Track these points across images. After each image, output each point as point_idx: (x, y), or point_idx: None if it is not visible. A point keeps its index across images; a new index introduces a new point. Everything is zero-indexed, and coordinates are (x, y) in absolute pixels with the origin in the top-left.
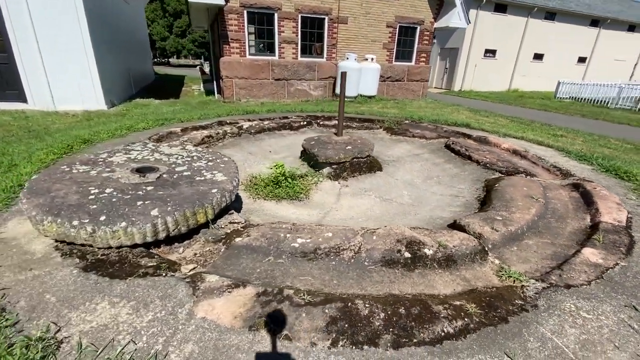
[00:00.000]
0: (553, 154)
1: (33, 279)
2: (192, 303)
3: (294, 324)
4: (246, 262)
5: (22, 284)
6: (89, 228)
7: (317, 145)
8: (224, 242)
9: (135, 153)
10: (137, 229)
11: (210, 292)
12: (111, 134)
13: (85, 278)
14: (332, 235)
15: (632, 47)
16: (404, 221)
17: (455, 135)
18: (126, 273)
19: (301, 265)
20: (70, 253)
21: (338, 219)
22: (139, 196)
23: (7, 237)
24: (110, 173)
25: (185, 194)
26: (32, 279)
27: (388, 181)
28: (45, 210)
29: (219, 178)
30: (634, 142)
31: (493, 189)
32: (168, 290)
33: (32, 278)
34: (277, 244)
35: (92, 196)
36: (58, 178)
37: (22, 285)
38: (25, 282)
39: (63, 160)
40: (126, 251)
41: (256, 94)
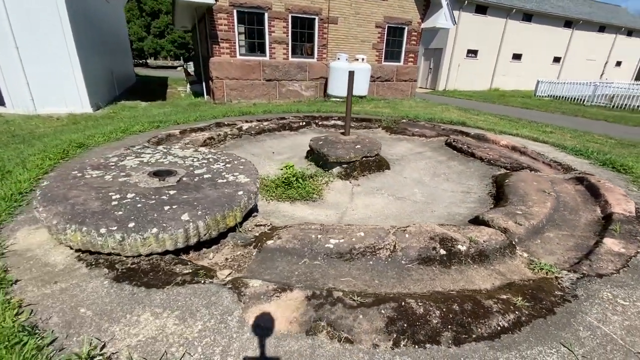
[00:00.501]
0: (550, 149)
1: (61, 292)
2: (240, 310)
3: (353, 326)
4: (282, 265)
5: (49, 298)
6: (118, 236)
7: (326, 144)
8: (255, 246)
9: (148, 156)
10: (168, 234)
11: (257, 298)
12: (106, 138)
13: (119, 289)
14: (364, 235)
15: (602, 47)
16: (423, 218)
17: (454, 133)
18: (162, 282)
19: (339, 266)
20: (96, 263)
21: (357, 218)
22: (164, 201)
23: (19, 248)
24: (127, 177)
25: (211, 197)
26: (59, 293)
27: (397, 179)
28: (68, 218)
29: (242, 180)
30: (615, 137)
31: (504, 184)
32: (212, 298)
33: (60, 291)
34: (310, 245)
35: (114, 202)
36: (72, 184)
37: (50, 300)
38: (52, 297)
39: (60, 165)
40: (157, 259)
41: (247, 94)
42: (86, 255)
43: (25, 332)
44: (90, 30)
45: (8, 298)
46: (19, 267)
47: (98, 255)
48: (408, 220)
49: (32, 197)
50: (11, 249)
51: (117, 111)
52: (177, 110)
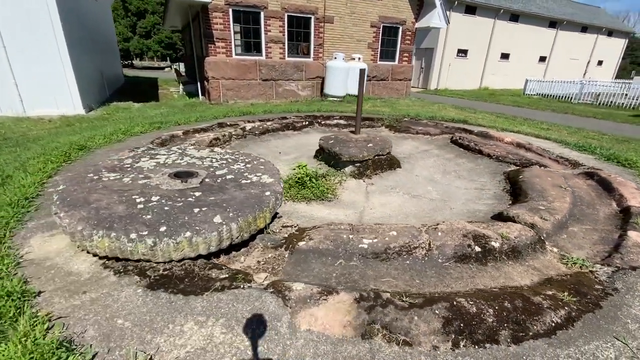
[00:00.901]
0: (553, 145)
1: (92, 303)
2: (288, 315)
3: (410, 327)
4: (317, 266)
5: (80, 310)
6: (150, 241)
7: (338, 144)
8: (287, 247)
9: (163, 157)
10: (202, 238)
11: (304, 302)
12: (107, 139)
13: (155, 297)
14: (397, 234)
15: (584, 47)
16: (443, 216)
17: (457, 131)
18: (200, 288)
19: (376, 267)
20: (125, 270)
21: (377, 217)
22: (192, 203)
23: (36, 257)
24: (147, 180)
25: (238, 198)
26: (90, 303)
27: (410, 178)
28: (94, 223)
29: (267, 180)
30: (607, 133)
31: (518, 180)
32: (255, 303)
33: (91, 302)
34: (343, 245)
35: (140, 205)
36: (90, 187)
37: (82, 312)
38: (83, 308)
39: (63, 169)
40: (190, 264)
41: (244, 95)
42: (112, 262)
43: (63, 349)
44: (80, 29)
45: (34, 311)
46: (40, 277)
47: (126, 262)
48: (429, 218)
49: (40, 203)
50: (27, 258)
51: (111, 112)
52: (173, 111)
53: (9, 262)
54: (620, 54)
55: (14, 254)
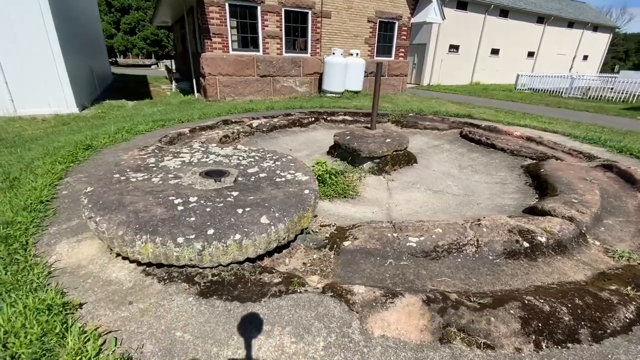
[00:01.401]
0: (563, 139)
1: (142, 314)
2: (358, 320)
3: (489, 330)
4: (367, 267)
5: (131, 322)
6: (198, 245)
7: (355, 139)
8: (331, 248)
9: (187, 156)
10: (251, 241)
11: (370, 306)
12: (112, 138)
13: (210, 306)
14: (443, 231)
15: (570, 42)
16: (472, 211)
17: (464, 126)
18: (256, 294)
19: (428, 266)
20: (170, 278)
21: (404, 214)
22: (232, 203)
23: (68, 265)
24: (177, 179)
25: (279, 197)
26: (141, 315)
27: (427, 173)
28: (136, 228)
29: (302, 177)
30: (604, 125)
31: (540, 174)
32: (319, 309)
33: (141, 313)
34: (391, 244)
35: (180, 207)
36: (120, 189)
37: (134, 324)
38: (134, 320)
39: (73, 170)
40: (238, 269)
41: (241, 91)
42: (153, 269)
43: None
44: (71, 26)
45: (81, 326)
46: (77, 287)
47: (168, 268)
48: (458, 214)
49: (57, 206)
50: (58, 266)
51: (106, 111)
52: (171, 108)
53: (39, 271)
54: (604, 48)
55: (42, 262)
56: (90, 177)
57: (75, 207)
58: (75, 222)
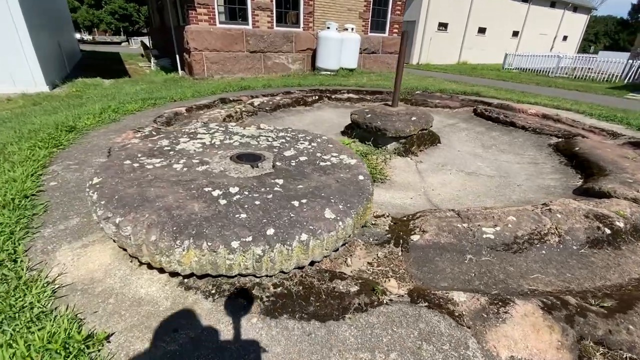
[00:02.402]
0: (579, 116)
1: (196, 345)
2: (473, 338)
3: (633, 342)
4: (445, 265)
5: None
6: (258, 250)
7: (377, 118)
8: (396, 243)
9: (207, 137)
10: (319, 241)
11: (481, 318)
12: (98, 119)
13: (283, 329)
14: (517, 220)
15: (552, 22)
16: (517, 194)
17: (476, 104)
18: (336, 309)
19: (512, 260)
20: (219, 292)
21: (446, 199)
22: (282, 194)
23: (77, 279)
24: (205, 165)
25: (333, 185)
26: (194, 347)
27: (453, 153)
28: (173, 230)
29: (349, 160)
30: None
31: (578, 153)
32: (419, 325)
33: (193, 345)
34: (465, 237)
35: (222, 200)
36: (136, 178)
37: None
38: (187, 357)
39: (58, 155)
40: (300, 275)
41: (230, 69)
42: (194, 280)
43: None
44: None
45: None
46: (96, 311)
47: (214, 279)
48: (503, 197)
49: (46, 201)
50: (63, 282)
51: (81, 89)
52: (156, 87)
53: (40, 291)
54: (583, 29)
55: (42, 277)
56: (82, 165)
57: (70, 201)
58: (75, 220)
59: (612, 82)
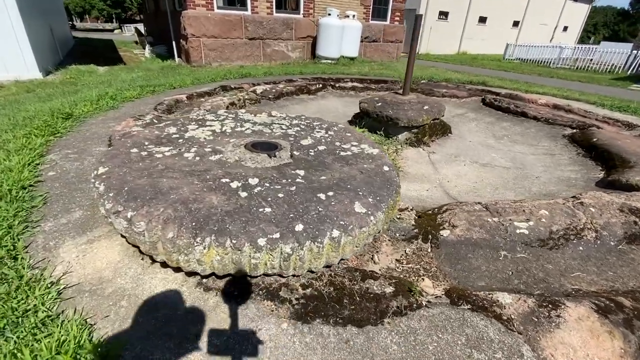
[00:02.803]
0: (590, 107)
1: (225, 353)
2: (526, 345)
3: None
4: (479, 262)
5: None
6: (287, 248)
7: (388, 106)
8: (425, 239)
9: (217, 125)
10: (351, 237)
11: (532, 322)
12: (96, 106)
13: (317, 335)
14: (549, 214)
15: (553, 12)
16: (537, 186)
17: (483, 93)
18: (373, 313)
19: (548, 257)
20: (242, 293)
21: (464, 191)
22: (306, 186)
23: (84, 278)
24: (218, 155)
25: (357, 176)
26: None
27: (465, 144)
28: (193, 226)
29: (371, 150)
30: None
31: (597, 143)
32: (465, 331)
33: (222, 353)
34: (497, 232)
35: (242, 193)
36: (145, 168)
37: None
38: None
39: (55, 144)
40: (331, 275)
41: (229, 56)
42: (213, 281)
43: None
44: None
45: None
46: (108, 315)
47: (236, 279)
48: (523, 189)
49: (45, 192)
50: (69, 281)
51: (75, 76)
52: (153, 74)
53: (44, 292)
54: (583, 20)
55: (46, 277)
56: (82, 154)
57: (71, 193)
58: (78, 213)
59: (614, 73)
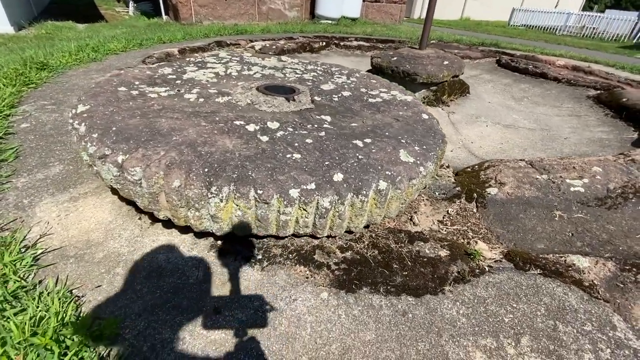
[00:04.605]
0: (610, 69)
1: (252, 330)
2: (617, 315)
3: None
4: (533, 222)
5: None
6: (325, 202)
7: (406, 61)
8: (469, 198)
9: (219, 67)
10: (400, 191)
11: (616, 289)
12: (75, 58)
13: (367, 306)
14: (604, 171)
15: None
16: (569, 147)
17: (498, 55)
18: (432, 280)
19: (608, 218)
20: (267, 257)
21: (490, 152)
22: (336, 132)
23: (69, 242)
24: (225, 97)
25: (394, 124)
26: (254, 333)
27: (484, 105)
28: (205, 172)
29: (404, 97)
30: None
31: (627, 104)
32: (543, 299)
33: (248, 329)
34: (550, 190)
35: (263, 137)
36: (138, 108)
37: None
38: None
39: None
40: (371, 236)
41: (221, 13)
42: (229, 242)
43: None
44: None
45: None
46: (100, 285)
47: (258, 241)
48: (554, 151)
49: (18, 146)
50: (49, 245)
51: (53, 31)
52: (138, 31)
53: (15, 259)
54: None
55: (16, 239)
56: (61, 105)
57: (48, 145)
58: (58, 168)
59: (620, 42)
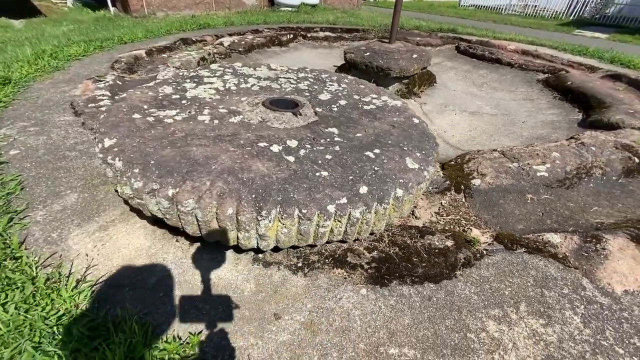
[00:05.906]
0: (553, 52)
1: (313, 333)
2: (585, 278)
3: None
4: (511, 206)
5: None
6: (357, 213)
7: (379, 56)
8: (457, 189)
9: (217, 81)
10: (411, 195)
11: (583, 257)
12: (38, 68)
13: (399, 296)
14: (561, 155)
15: None
16: (527, 131)
17: (456, 41)
18: (444, 267)
19: (568, 196)
20: (308, 264)
21: (462, 140)
22: (347, 145)
23: (117, 272)
24: (237, 116)
25: (392, 131)
26: (312, 335)
27: (450, 93)
28: (252, 198)
29: (394, 102)
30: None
31: (571, 87)
32: (530, 272)
33: (311, 333)
34: (521, 177)
35: (289, 157)
36: (163, 137)
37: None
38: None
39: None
40: (389, 236)
41: (175, 4)
42: (269, 255)
43: None
44: None
45: None
46: (158, 310)
47: (295, 250)
48: (515, 135)
49: (19, 175)
50: (97, 276)
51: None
52: (87, 28)
53: (73, 294)
54: None
55: (62, 275)
56: (45, 125)
57: (51, 173)
58: (73, 197)
59: (559, 19)
